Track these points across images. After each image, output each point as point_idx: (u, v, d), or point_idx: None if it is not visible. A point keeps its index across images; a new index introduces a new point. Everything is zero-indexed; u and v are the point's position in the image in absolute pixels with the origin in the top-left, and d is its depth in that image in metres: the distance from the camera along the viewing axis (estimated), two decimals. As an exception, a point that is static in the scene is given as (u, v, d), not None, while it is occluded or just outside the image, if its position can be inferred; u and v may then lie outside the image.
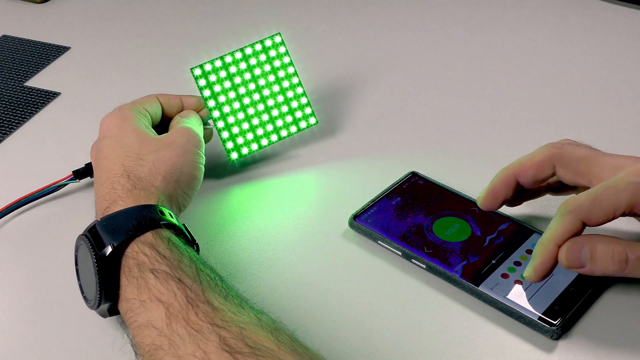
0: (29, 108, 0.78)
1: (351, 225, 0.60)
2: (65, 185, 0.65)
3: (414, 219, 0.60)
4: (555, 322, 0.51)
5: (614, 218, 0.50)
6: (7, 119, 0.76)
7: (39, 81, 0.82)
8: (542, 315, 0.51)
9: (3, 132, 0.74)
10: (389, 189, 0.63)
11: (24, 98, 0.79)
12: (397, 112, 0.76)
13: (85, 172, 0.64)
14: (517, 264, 0.55)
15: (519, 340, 0.51)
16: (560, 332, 0.51)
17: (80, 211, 0.63)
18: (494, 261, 0.56)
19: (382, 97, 0.79)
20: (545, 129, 0.72)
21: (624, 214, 0.50)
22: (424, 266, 0.56)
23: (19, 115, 0.76)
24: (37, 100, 0.79)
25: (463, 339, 0.52)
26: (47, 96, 0.79)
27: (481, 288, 0.54)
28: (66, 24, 0.94)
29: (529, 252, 0.56)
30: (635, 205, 0.49)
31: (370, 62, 0.85)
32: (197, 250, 0.53)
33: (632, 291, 0.55)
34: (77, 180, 0.64)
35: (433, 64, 0.84)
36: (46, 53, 0.87)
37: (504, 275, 0.55)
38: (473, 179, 0.63)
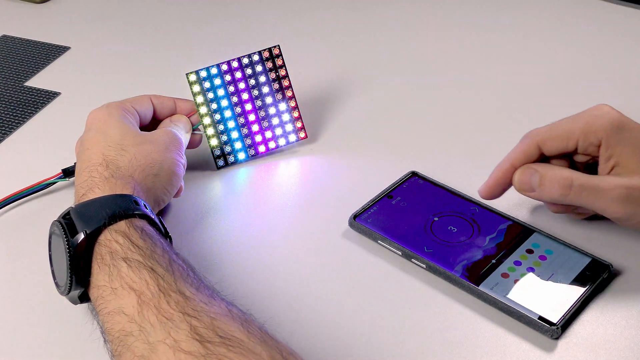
0: (29, 108, 0.78)
1: (351, 225, 0.60)
2: (54, 183, 0.65)
3: (414, 218, 0.60)
4: (555, 322, 0.51)
5: (567, 147, 0.55)
6: (7, 119, 0.76)
7: (39, 81, 0.82)
8: (542, 315, 0.51)
9: (3, 132, 0.74)
10: (389, 188, 0.63)
11: (24, 98, 0.79)
12: (397, 111, 0.76)
13: (74, 170, 0.64)
14: (517, 263, 0.55)
15: (519, 340, 0.51)
16: (560, 332, 0.51)
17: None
18: (494, 261, 0.56)
19: (382, 96, 0.79)
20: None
21: (577, 150, 0.55)
22: (424, 266, 0.56)
23: (19, 115, 0.76)
24: (37, 100, 0.79)
25: (463, 339, 0.52)
26: (47, 96, 0.79)
27: (481, 288, 0.54)
28: (66, 24, 0.94)
29: (529, 251, 0.56)
30: (587, 133, 0.54)
31: (371, 61, 0.85)
32: (170, 242, 0.53)
33: (632, 291, 0.55)
34: (67, 179, 0.65)
35: (433, 64, 0.84)
36: (46, 53, 0.87)
37: (504, 275, 0.55)
38: (473, 178, 0.63)
